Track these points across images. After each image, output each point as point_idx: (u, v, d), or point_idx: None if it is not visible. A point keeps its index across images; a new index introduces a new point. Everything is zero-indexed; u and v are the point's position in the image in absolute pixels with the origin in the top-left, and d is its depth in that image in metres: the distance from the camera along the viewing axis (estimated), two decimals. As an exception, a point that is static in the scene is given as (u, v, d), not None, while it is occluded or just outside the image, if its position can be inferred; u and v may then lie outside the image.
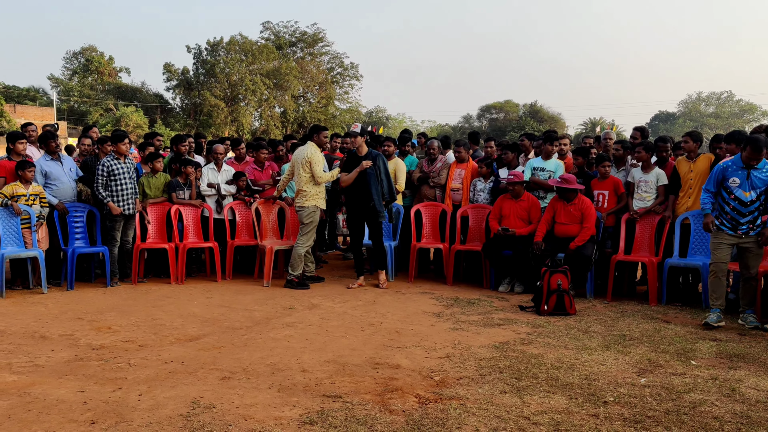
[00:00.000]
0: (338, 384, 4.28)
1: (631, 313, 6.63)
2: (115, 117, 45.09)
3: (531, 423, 3.63)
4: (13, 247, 7.23)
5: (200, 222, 8.38)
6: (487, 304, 7.00)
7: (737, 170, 6.04)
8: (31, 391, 4.08)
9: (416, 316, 6.39)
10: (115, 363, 4.71)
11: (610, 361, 4.86)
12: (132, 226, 7.92)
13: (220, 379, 4.34)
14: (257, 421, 3.63)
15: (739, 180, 6.03)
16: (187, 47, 49.92)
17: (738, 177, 6.04)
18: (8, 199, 7.17)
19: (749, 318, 6.06)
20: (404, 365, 4.71)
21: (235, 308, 6.65)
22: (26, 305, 6.70)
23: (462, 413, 3.75)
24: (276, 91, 49.96)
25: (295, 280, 7.75)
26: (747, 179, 5.98)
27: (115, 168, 7.63)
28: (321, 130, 7.95)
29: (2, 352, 4.96)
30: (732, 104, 78.15)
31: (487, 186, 8.32)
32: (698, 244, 7.06)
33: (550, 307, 6.46)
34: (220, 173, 8.58)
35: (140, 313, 6.35)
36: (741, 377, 4.50)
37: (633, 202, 7.48)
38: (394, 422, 3.62)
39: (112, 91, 53.98)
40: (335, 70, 55.15)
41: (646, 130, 8.74)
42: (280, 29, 53.60)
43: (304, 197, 7.68)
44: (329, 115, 51.18)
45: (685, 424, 3.64)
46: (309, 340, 5.41)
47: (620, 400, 4.01)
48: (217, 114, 46.98)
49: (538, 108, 66.88)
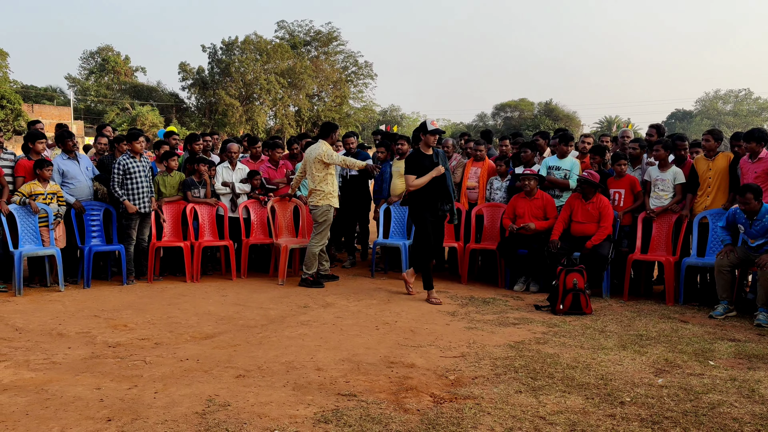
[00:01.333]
0: (353, 383, 4.27)
1: (647, 312, 6.57)
2: (131, 116, 45.45)
3: (547, 423, 3.60)
4: (31, 245, 7.29)
5: (215, 220, 8.42)
6: (502, 303, 6.97)
7: (743, 218, 6.35)
8: (48, 388, 4.11)
9: (431, 315, 6.37)
10: (131, 360, 4.73)
11: (627, 361, 4.81)
12: (148, 225, 7.97)
13: (235, 377, 4.35)
14: (272, 419, 3.63)
15: (744, 228, 6.38)
16: (202, 47, 50.40)
17: (743, 225, 6.37)
18: (26, 197, 7.23)
19: (759, 316, 6.03)
20: (419, 364, 4.70)
21: (250, 306, 6.67)
22: (44, 303, 6.76)
23: (477, 413, 3.73)
24: (290, 90, 50.14)
25: (310, 278, 7.76)
26: (750, 228, 6.30)
27: (130, 166, 7.68)
28: (334, 129, 7.93)
29: (20, 350, 5.01)
30: (750, 102, 77.27)
31: (504, 184, 8.28)
32: (716, 243, 6.98)
33: (566, 306, 6.42)
34: (235, 172, 8.60)
35: (156, 311, 6.39)
36: (760, 378, 4.44)
37: (650, 201, 7.41)
38: (409, 421, 3.61)
39: (128, 90, 54.45)
40: (349, 69, 55.23)
41: (662, 128, 8.67)
42: (295, 28, 53.83)
43: (317, 196, 7.69)
44: (343, 114, 51.28)
45: (703, 425, 3.60)
46: (324, 338, 5.41)
47: (637, 400, 3.97)
48: (232, 113, 47.22)
49: (553, 107, 66.54)
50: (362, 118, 54.17)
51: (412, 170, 6.90)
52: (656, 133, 8.39)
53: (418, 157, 6.94)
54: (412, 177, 6.90)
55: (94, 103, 53.89)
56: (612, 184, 7.61)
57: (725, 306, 6.34)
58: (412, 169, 6.90)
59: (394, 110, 73.26)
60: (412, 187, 6.91)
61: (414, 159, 6.95)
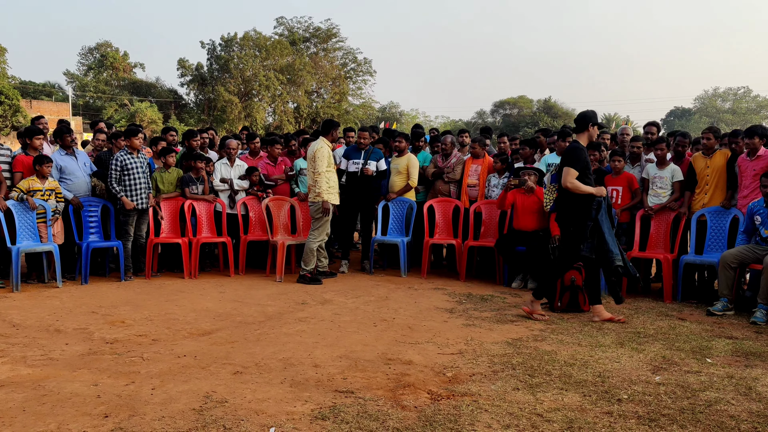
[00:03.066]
0: (350, 379, 4.27)
1: (645, 310, 6.57)
2: (129, 112, 45.37)
3: (544, 420, 3.60)
4: (29, 241, 7.29)
5: (213, 217, 8.41)
6: (500, 300, 6.97)
7: (761, 208, 6.30)
8: (46, 385, 4.11)
9: (429, 311, 6.37)
10: (128, 357, 4.73)
11: (625, 358, 4.82)
12: (145, 221, 7.97)
13: (233, 374, 4.35)
14: (269, 415, 3.63)
15: (761, 218, 6.31)
16: (201, 43, 50.20)
17: (761, 216, 6.31)
18: (24, 193, 7.22)
19: (757, 313, 6.04)
20: (416, 361, 4.70)
21: (248, 303, 6.66)
22: (41, 299, 6.76)
23: (474, 410, 3.73)
24: (289, 86, 50.03)
25: (308, 275, 7.76)
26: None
27: (128, 162, 7.67)
28: (334, 126, 7.92)
29: (17, 346, 5.00)
30: (749, 100, 77.18)
31: (501, 181, 8.28)
32: (714, 240, 6.99)
33: (564, 303, 6.42)
34: (233, 168, 8.59)
35: (153, 308, 6.38)
36: (757, 375, 4.44)
37: (648, 199, 7.42)
38: (406, 418, 3.61)
39: (126, 86, 54.34)
40: (348, 66, 55.13)
41: (659, 125, 8.68)
42: (294, 24, 53.64)
43: (315, 192, 7.69)
44: (342, 111, 51.18)
45: (700, 422, 3.60)
46: (321, 335, 5.41)
47: (634, 398, 3.98)
48: (230, 109, 47.12)
49: (552, 104, 66.45)
50: (361, 115, 54.02)
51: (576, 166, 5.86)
52: (657, 130, 8.41)
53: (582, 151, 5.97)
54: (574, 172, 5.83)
55: (93, 99, 53.79)
56: (610, 181, 7.61)
57: (724, 303, 6.35)
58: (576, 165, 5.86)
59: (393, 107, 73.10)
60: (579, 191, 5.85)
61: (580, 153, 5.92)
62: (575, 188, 5.80)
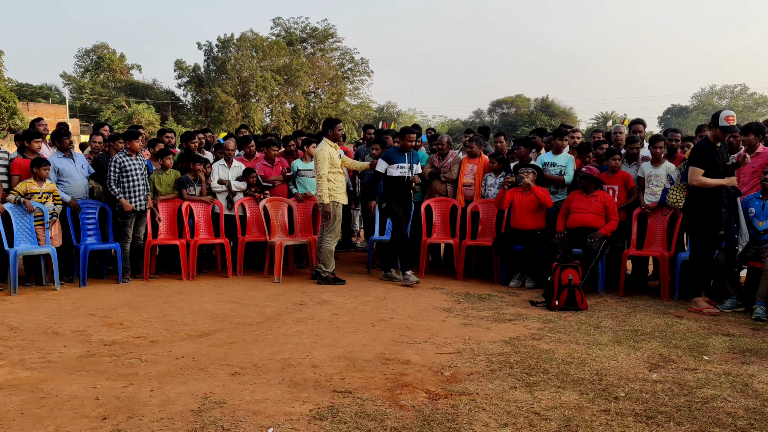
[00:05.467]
0: (348, 379, 4.28)
1: (643, 308, 6.59)
2: (127, 114, 45.31)
3: (541, 418, 3.61)
4: (27, 244, 7.28)
5: (211, 218, 8.41)
6: (498, 299, 6.98)
7: (755, 200, 6.37)
8: (44, 387, 4.11)
9: (427, 311, 6.38)
10: (126, 359, 4.73)
11: (622, 356, 4.83)
12: (143, 223, 7.97)
13: (231, 375, 4.36)
14: (267, 416, 3.63)
15: (755, 210, 6.38)
16: (198, 44, 50.23)
17: (755, 207, 6.39)
18: (21, 196, 7.22)
19: (758, 309, 6.05)
20: (414, 361, 4.71)
21: (246, 304, 6.67)
22: (39, 301, 6.76)
23: (472, 409, 3.74)
24: (287, 87, 49.99)
25: (331, 276, 7.76)
26: (762, 209, 6.30)
27: (126, 164, 7.67)
28: (332, 124, 7.92)
29: (15, 348, 5.00)
30: (746, 97, 77.26)
31: (498, 181, 8.29)
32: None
33: (561, 302, 6.43)
34: (231, 169, 8.59)
35: (152, 309, 6.39)
36: (754, 372, 4.46)
37: (644, 197, 7.43)
38: (404, 418, 3.62)
39: (123, 88, 54.23)
40: (346, 66, 55.11)
41: (644, 122, 8.76)
42: (291, 25, 53.61)
43: (317, 195, 7.70)
44: (340, 111, 51.15)
45: (697, 419, 3.62)
46: (319, 335, 5.42)
47: (632, 395, 3.99)
48: (228, 110, 47.09)
49: (549, 102, 66.47)
50: (359, 114, 54.00)
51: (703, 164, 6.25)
52: (643, 127, 8.51)
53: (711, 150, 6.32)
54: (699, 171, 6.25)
55: (90, 101, 53.72)
56: (606, 180, 7.63)
57: (733, 301, 6.36)
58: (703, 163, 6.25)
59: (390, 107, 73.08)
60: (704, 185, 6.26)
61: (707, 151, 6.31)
62: (702, 184, 6.23)
